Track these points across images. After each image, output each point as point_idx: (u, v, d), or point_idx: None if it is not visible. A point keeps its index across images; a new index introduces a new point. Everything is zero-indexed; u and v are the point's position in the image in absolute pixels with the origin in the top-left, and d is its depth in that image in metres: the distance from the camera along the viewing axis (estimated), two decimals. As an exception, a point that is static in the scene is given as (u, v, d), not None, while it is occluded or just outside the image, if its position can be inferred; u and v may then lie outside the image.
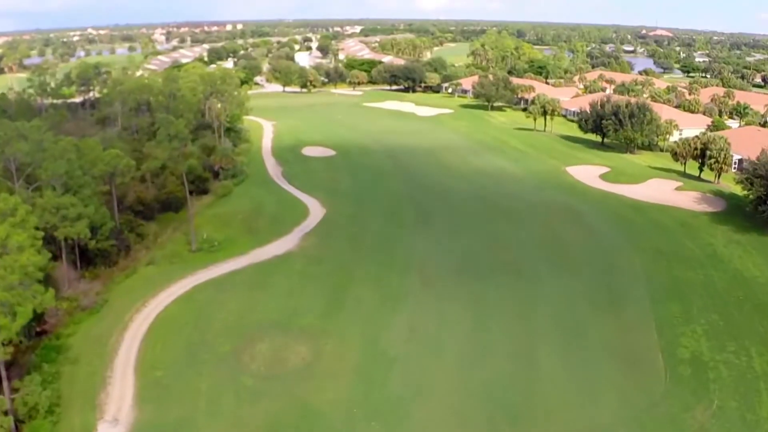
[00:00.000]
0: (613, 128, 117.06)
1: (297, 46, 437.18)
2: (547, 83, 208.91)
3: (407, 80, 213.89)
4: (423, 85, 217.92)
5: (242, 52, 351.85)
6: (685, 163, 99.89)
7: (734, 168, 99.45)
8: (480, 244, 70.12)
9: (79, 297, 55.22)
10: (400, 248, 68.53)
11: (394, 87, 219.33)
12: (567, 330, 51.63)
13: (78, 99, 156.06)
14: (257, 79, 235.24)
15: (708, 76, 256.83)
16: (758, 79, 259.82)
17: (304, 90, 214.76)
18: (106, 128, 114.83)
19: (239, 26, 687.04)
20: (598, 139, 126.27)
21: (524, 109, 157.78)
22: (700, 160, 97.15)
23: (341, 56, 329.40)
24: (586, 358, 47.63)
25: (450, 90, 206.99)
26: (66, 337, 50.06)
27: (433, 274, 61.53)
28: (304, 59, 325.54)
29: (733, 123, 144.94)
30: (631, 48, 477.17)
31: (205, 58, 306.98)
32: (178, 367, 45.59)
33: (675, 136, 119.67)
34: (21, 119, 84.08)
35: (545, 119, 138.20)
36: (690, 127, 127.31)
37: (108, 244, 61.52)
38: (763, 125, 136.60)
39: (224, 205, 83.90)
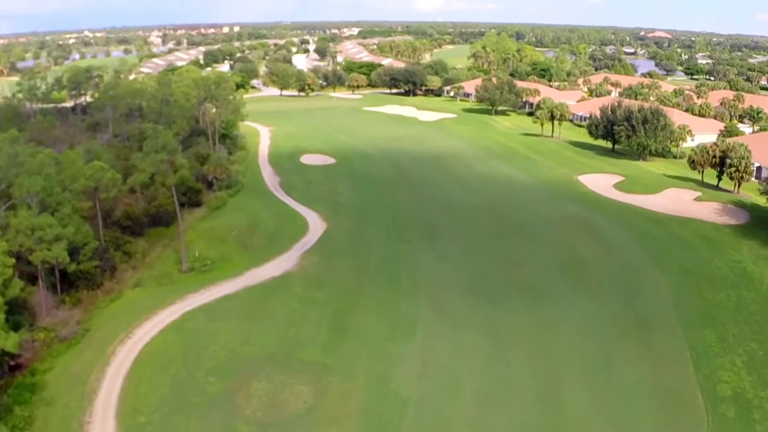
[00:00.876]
0: (625, 134, 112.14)
1: (294, 49, 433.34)
2: (550, 86, 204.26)
3: (407, 83, 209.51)
4: (423, 88, 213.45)
5: (239, 54, 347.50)
6: (702, 172, 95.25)
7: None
8: (492, 262, 65.38)
9: (58, 326, 50.25)
10: (407, 268, 63.66)
11: (394, 90, 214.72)
12: (594, 363, 46.99)
13: (69, 104, 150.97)
14: (254, 82, 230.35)
15: (712, 78, 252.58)
16: (764, 81, 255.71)
17: (302, 94, 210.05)
18: (96, 134, 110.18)
19: (236, 28, 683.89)
20: (609, 145, 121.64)
21: (529, 114, 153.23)
22: (718, 169, 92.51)
23: (339, 59, 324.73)
24: (618, 396, 43.00)
25: (452, 93, 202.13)
26: (42, 373, 45.32)
27: (444, 298, 56.67)
28: (301, 62, 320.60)
29: (745, 127, 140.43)
30: (631, 50, 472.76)
31: (201, 61, 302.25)
32: (164, 411, 40.64)
33: (688, 142, 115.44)
34: (8, 126, 79.31)
35: (553, 124, 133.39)
36: (703, 133, 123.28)
37: (91, 266, 56.57)
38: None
39: (218, 218, 79.01)
